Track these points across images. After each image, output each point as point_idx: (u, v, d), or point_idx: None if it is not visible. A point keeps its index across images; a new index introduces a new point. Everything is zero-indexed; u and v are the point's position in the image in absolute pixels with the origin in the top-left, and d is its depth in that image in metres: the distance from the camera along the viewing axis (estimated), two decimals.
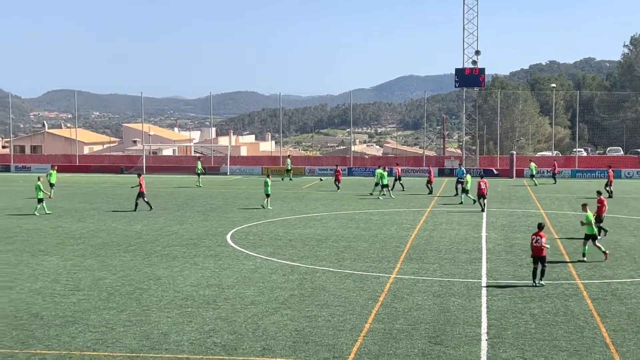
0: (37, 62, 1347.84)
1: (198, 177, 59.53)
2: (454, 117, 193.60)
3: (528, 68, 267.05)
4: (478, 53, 72.87)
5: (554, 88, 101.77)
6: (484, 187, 40.79)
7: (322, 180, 61.34)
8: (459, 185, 47.63)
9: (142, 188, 40.66)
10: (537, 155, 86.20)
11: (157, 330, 17.30)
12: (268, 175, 43.59)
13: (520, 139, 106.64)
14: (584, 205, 26.85)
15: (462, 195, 44.96)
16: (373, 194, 48.71)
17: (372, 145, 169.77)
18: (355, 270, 24.33)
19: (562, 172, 69.42)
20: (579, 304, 19.89)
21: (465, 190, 44.35)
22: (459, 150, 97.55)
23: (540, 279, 21.86)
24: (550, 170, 63.86)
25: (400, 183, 53.88)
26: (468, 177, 45.24)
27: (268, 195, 41.90)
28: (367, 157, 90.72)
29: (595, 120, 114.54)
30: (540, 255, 21.73)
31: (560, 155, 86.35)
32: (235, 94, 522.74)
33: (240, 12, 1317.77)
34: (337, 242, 30.14)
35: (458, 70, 73.02)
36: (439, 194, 50.45)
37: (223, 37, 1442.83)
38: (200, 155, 72.84)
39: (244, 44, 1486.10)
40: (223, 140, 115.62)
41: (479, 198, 40.90)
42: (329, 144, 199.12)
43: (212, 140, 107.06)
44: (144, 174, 71.97)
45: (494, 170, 69.67)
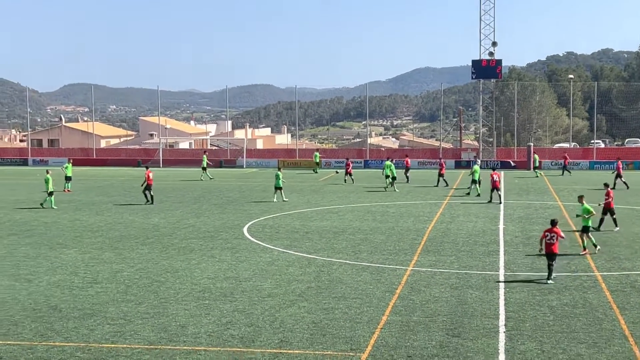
0: (54, 56, 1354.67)
1: (203, 171, 58.53)
2: (471, 109, 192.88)
3: (545, 59, 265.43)
4: (495, 44, 72.56)
5: (572, 79, 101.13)
6: (497, 179, 40.77)
7: (337, 173, 61.27)
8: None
9: (149, 180, 40.66)
10: (554, 147, 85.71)
11: (174, 323, 17.35)
12: (279, 169, 43.56)
13: (538, 131, 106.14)
14: (580, 197, 26.66)
15: (472, 187, 44.96)
16: (387, 190, 48.04)
17: (388, 138, 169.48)
18: (372, 263, 24.31)
19: (579, 163, 69.16)
20: (598, 296, 19.78)
21: (474, 181, 44.43)
22: (476, 143, 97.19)
23: (548, 277, 21.28)
24: (561, 163, 63.44)
25: (407, 175, 53.89)
26: (476, 167, 45.34)
27: (278, 188, 41.78)
28: (383, 149, 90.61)
29: (613, 112, 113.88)
30: (554, 252, 21.28)
31: (578, 147, 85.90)
32: (251, 87, 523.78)
33: (256, 4, 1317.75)
34: (353, 234, 30.11)
35: (475, 62, 72.76)
36: (456, 186, 50.28)
37: (239, 30, 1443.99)
38: (206, 150, 72.65)
39: (260, 37, 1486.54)
40: (239, 134, 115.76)
41: (493, 190, 40.77)
42: (345, 137, 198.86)
43: (228, 134, 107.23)
44: (161, 167, 72.60)
45: (511, 162, 69.36)
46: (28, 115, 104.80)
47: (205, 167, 58.99)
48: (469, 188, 45.11)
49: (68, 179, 48.17)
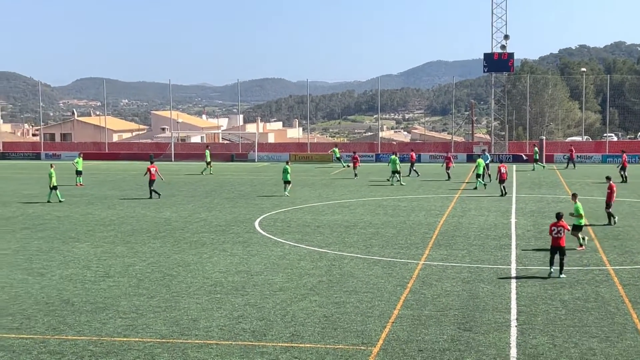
0: (66, 50, 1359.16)
1: (207, 165, 58.29)
2: (483, 102, 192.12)
3: (557, 52, 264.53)
4: (507, 37, 72.28)
5: (584, 72, 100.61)
6: (504, 171, 41.16)
7: (348, 167, 61.09)
8: (489, 171, 48.22)
9: (152, 176, 40.64)
10: (566, 141, 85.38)
11: (186, 316, 17.40)
12: (287, 162, 43.57)
13: (550, 124, 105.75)
14: (574, 196, 26.50)
15: (478, 180, 45.15)
16: (394, 184, 47.96)
17: (399, 132, 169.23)
18: (384, 257, 24.30)
19: (592, 157, 69.00)
20: (610, 290, 19.71)
21: (478, 175, 44.89)
22: (488, 136, 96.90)
23: (560, 272, 21.10)
24: (567, 156, 63.29)
25: (414, 169, 53.85)
26: (479, 161, 45.45)
27: (287, 182, 41.80)
28: (394, 143, 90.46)
29: (626, 105, 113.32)
30: (560, 246, 21.03)
31: (591, 140, 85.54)
32: (263, 81, 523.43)
33: None
34: (365, 228, 30.10)
35: (487, 55, 72.49)
36: (467, 180, 50.15)
37: (250, 24, 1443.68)
38: (208, 145, 72.61)
39: (272, 31, 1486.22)
40: (250, 127, 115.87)
41: (500, 183, 41.07)
42: (356, 131, 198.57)
43: (239, 127, 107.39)
44: (173, 161, 72.75)
45: (523, 156, 69.14)
46: (41, 110, 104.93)
47: (210, 161, 58.68)
48: (485, 181, 45.48)
49: (79, 173, 48.41)
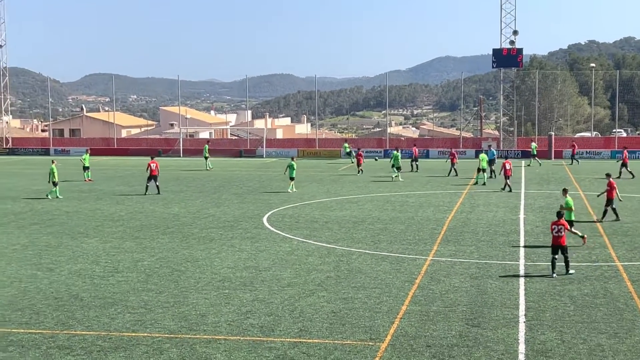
0: (75, 46, 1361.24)
1: (205, 160, 58.46)
2: (491, 98, 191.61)
3: (567, 48, 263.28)
4: (516, 33, 72.08)
5: (593, 68, 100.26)
6: (509, 167, 41.44)
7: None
8: (492, 167, 48.76)
9: (153, 171, 40.68)
10: (575, 137, 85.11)
11: (195, 312, 17.44)
12: (293, 158, 43.51)
13: (559, 120, 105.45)
14: (564, 191, 26.36)
15: (481, 175, 45.19)
16: (394, 178, 47.96)
17: (408, 127, 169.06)
18: (392, 253, 24.29)
19: (601, 152, 68.82)
20: (619, 286, 19.65)
21: (479, 169, 45.12)
22: (496, 132, 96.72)
23: (567, 270, 20.81)
24: (569, 152, 63.22)
25: (416, 164, 54.08)
26: (482, 156, 45.59)
27: (292, 179, 41.84)
28: (403, 138, 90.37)
29: (636, 100, 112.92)
30: (562, 245, 20.80)
31: (600, 136, 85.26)
32: (271, 77, 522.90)
33: None
34: (373, 224, 30.09)
35: (495, 51, 72.32)
36: (475, 176, 49.99)
37: (259, 20, 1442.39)
38: (208, 140, 72.64)
39: (280, 26, 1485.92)
40: (259, 123, 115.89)
41: (505, 179, 41.39)
42: (365, 126, 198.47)
43: (248, 123, 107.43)
44: (181, 157, 72.87)
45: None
46: (50, 105, 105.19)
47: (207, 156, 58.82)
48: (487, 177, 45.65)
49: (86, 169, 48.61)
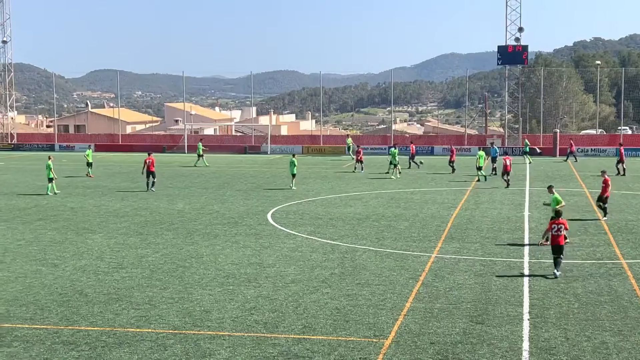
0: (80, 42, 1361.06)
1: (198, 158, 58.31)
2: (496, 95, 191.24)
3: (572, 45, 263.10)
4: (521, 30, 71.89)
5: (599, 65, 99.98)
6: (509, 164, 41.84)
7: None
8: (495, 164, 48.91)
9: (150, 167, 40.64)
10: (580, 134, 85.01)
11: (199, 308, 17.47)
12: (294, 155, 43.54)
13: (564, 117, 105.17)
14: (550, 187, 26.26)
15: (479, 173, 45.37)
16: (392, 177, 47.73)
17: (412, 124, 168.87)
18: (396, 249, 24.29)
19: (606, 150, 68.68)
20: (623, 284, 19.64)
21: (479, 167, 45.14)
22: (501, 129, 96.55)
23: (556, 269, 20.44)
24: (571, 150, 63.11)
25: (414, 161, 54.03)
26: (481, 153, 45.55)
27: (294, 176, 41.85)
28: (407, 135, 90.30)
29: None
30: (560, 245, 20.56)
31: (605, 134, 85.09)
32: (276, 73, 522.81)
33: None
34: (377, 221, 30.09)
35: (501, 48, 72.15)
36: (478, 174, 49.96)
37: (264, 16, 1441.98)
38: (202, 137, 72.65)
39: (285, 23, 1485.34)
40: (264, 120, 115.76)
41: (504, 175, 41.88)
42: (370, 123, 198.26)
43: (252, 120, 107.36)
44: (186, 153, 72.88)
45: (537, 149, 68.82)
46: (55, 101, 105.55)
47: (201, 154, 58.62)
48: (489, 174, 45.93)
49: (89, 165, 48.73)
